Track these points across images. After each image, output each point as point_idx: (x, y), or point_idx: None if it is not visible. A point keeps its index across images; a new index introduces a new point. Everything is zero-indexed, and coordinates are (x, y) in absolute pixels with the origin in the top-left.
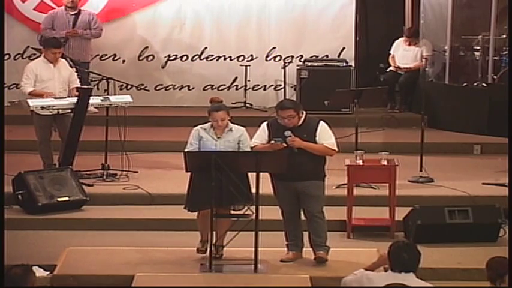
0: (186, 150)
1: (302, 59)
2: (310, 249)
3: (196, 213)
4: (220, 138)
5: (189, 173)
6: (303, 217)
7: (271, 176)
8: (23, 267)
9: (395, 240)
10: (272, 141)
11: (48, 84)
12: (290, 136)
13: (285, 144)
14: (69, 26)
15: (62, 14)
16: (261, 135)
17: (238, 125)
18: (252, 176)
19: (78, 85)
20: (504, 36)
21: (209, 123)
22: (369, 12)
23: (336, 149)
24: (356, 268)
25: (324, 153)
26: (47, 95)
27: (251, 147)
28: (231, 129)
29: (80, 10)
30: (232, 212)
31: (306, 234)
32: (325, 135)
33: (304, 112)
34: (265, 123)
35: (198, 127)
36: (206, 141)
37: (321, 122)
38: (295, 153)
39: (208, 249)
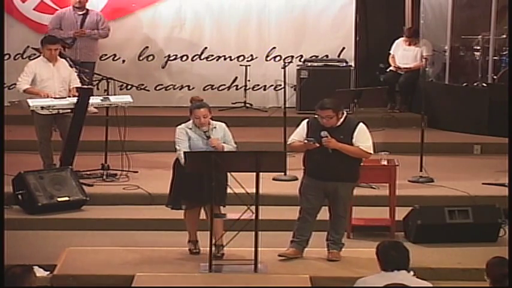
0: (178, 148)
1: (302, 59)
2: (311, 249)
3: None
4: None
5: (172, 172)
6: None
7: (304, 172)
8: (22, 267)
9: (381, 240)
10: (305, 141)
11: (48, 83)
12: (326, 137)
13: (317, 144)
14: (77, 26)
15: (70, 14)
16: (299, 133)
17: (219, 121)
18: (251, 176)
19: (78, 85)
20: (504, 36)
21: (190, 122)
22: (369, 12)
23: (371, 152)
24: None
25: (359, 156)
26: (44, 94)
27: (288, 144)
28: (215, 127)
29: (87, 10)
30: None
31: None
32: (362, 138)
33: (345, 112)
34: (306, 120)
35: (183, 126)
36: (196, 140)
37: (360, 124)
38: (329, 154)
39: (208, 249)
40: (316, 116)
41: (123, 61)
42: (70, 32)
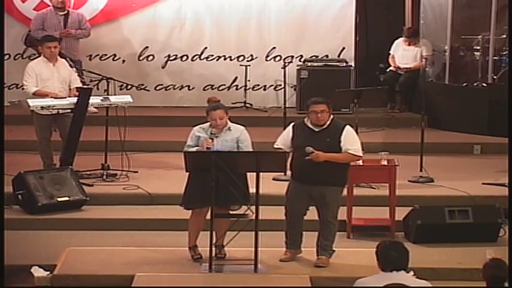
0: (184, 150)
1: (302, 59)
2: (311, 249)
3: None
4: (218, 138)
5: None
6: (306, 218)
7: (291, 175)
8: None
9: (382, 240)
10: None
11: (48, 83)
12: (312, 152)
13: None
14: (61, 26)
15: (52, 15)
16: (284, 138)
17: (237, 124)
18: (252, 176)
19: (80, 85)
20: (504, 36)
21: (208, 123)
22: (369, 12)
23: (361, 154)
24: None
25: (350, 161)
26: (51, 95)
27: (274, 149)
28: (229, 129)
29: (68, 11)
30: (230, 212)
31: (308, 234)
32: (351, 141)
33: (332, 116)
34: (291, 125)
35: (197, 127)
36: (203, 140)
37: (347, 127)
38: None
39: (208, 249)
40: (305, 117)
41: (123, 61)
42: (55, 32)
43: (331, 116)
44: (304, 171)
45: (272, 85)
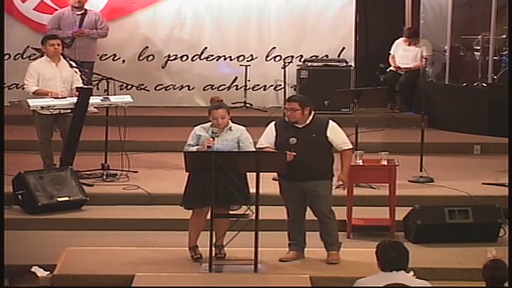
0: (185, 149)
1: (302, 59)
2: (312, 249)
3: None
4: (219, 137)
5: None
6: (307, 217)
7: (278, 175)
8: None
9: (382, 240)
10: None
11: (50, 83)
12: (296, 143)
13: (294, 154)
14: (76, 26)
15: (68, 14)
16: (268, 136)
17: (238, 124)
18: (252, 176)
19: (81, 85)
20: (504, 36)
21: (210, 123)
22: (369, 12)
23: (351, 146)
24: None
25: (350, 157)
26: (51, 94)
27: (258, 148)
28: (230, 128)
29: (86, 10)
30: (230, 212)
31: (308, 234)
32: (340, 136)
33: (313, 112)
34: (273, 123)
35: (198, 126)
36: (204, 139)
37: (331, 122)
38: (302, 154)
39: (208, 249)
40: (283, 116)
41: (123, 61)
42: (69, 31)
43: (312, 113)
44: (293, 168)
45: (272, 85)
